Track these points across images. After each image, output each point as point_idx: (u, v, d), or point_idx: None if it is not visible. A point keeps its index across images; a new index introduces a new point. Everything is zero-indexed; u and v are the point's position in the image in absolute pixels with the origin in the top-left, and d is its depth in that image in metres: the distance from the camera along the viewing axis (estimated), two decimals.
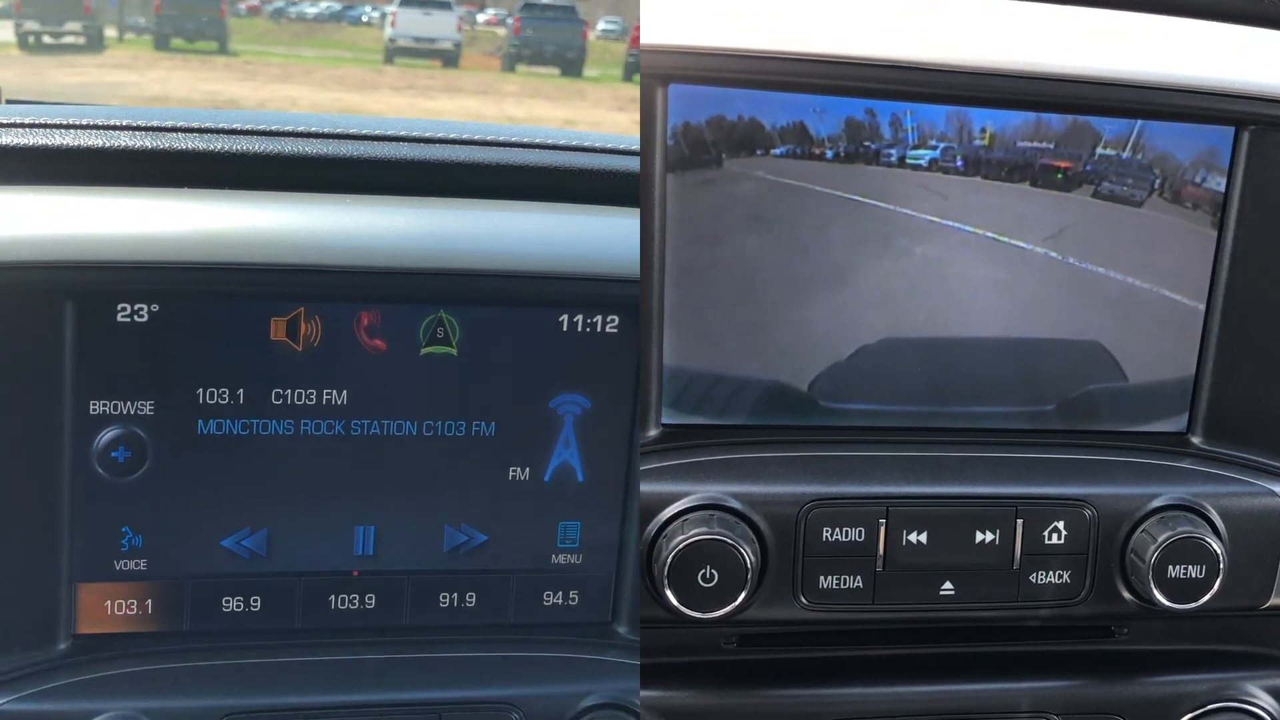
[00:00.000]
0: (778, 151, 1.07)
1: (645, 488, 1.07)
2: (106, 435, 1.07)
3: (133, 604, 1.11)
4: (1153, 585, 1.10)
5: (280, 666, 1.11)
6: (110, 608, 1.10)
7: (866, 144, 1.07)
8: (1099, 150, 1.09)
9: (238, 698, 1.08)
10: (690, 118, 1.05)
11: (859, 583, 1.10)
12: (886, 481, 1.10)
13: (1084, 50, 1.07)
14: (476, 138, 1.22)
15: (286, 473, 1.11)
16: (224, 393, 1.09)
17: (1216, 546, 1.10)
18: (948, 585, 1.11)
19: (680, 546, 1.04)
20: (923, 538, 1.09)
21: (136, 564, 1.10)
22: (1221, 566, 1.11)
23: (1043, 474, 1.12)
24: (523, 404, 1.15)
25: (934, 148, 1.08)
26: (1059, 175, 1.10)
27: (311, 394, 1.10)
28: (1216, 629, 1.23)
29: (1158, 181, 1.10)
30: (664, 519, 1.07)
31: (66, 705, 1.05)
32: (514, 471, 1.16)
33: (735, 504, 1.07)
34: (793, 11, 1.04)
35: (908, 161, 1.08)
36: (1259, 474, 1.16)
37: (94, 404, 1.06)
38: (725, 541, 1.05)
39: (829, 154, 1.07)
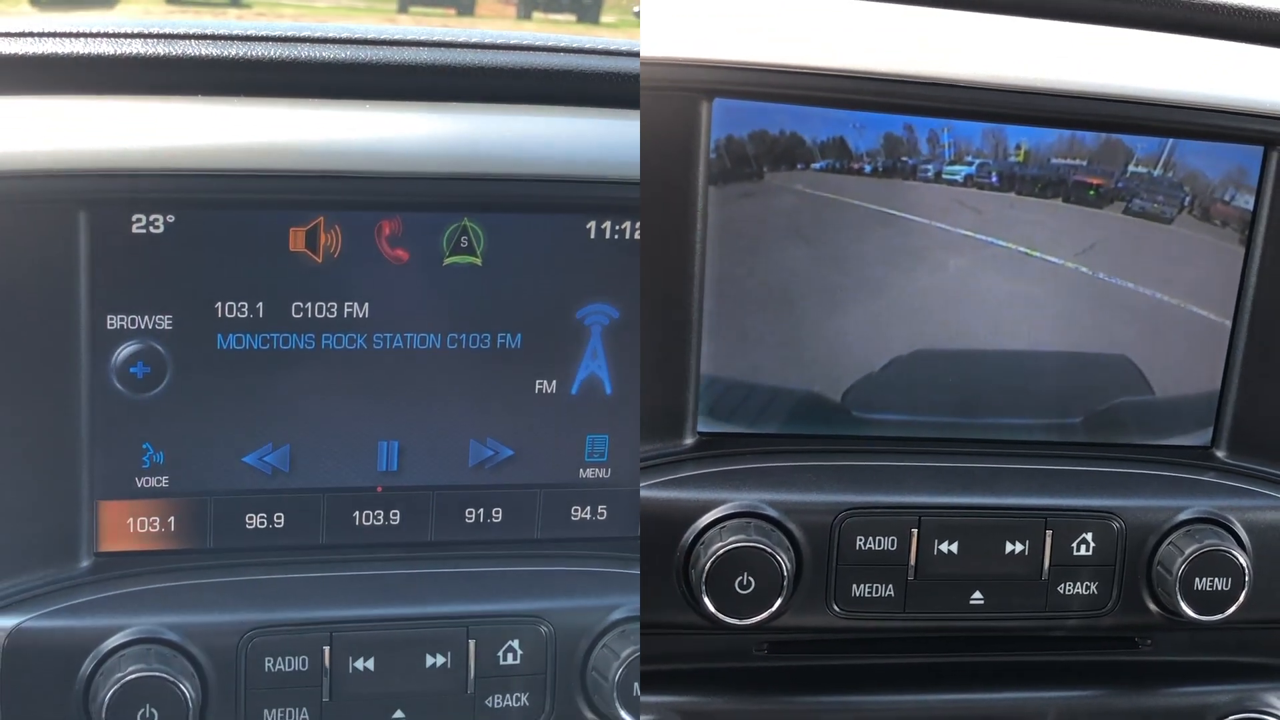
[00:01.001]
0: (818, 165, 1.09)
1: (682, 494, 1.09)
2: (124, 350, 1.05)
3: (155, 521, 1.09)
4: (1179, 597, 1.11)
5: (305, 582, 1.08)
6: (132, 525, 1.08)
7: (904, 159, 1.09)
8: (1131, 168, 1.12)
9: (262, 612, 1.05)
10: (733, 131, 1.07)
11: (891, 591, 1.11)
12: (918, 491, 1.12)
13: (1117, 69, 1.09)
14: (499, 42, 1.18)
15: (308, 388, 1.09)
16: (243, 306, 1.06)
17: (1242, 559, 1.12)
18: (977, 595, 1.12)
19: (719, 553, 1.06)
20: (953, 547, 1.11)
21: (158, 481, 1.08)
22: (1247, 579, 1.12)
23: (1072, 486, 1.14)
24: (549, 315, 1.12)
25: (970, 164, 1.10)
26: (1091, 192, 1.12)
27: (332, 307, 1.08)
28: (1239, 640, 1.25)
29: (1188, 199, 1.13)
30: (701, 526, 1.08)
31: (89, 621, 1.03)
32: (541, 384, 1.13)
33: (771, 512, 1.09)
34: (834, 28, 1.06)
35: (944, 177, 1.10)
36: (1278, 486, 1.18)
37: (110, 318, 1.04)
38: (762, 549, 1.06)
39: (867, 168, 1.09)
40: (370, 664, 1.06)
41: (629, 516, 1.17)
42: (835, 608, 1.11)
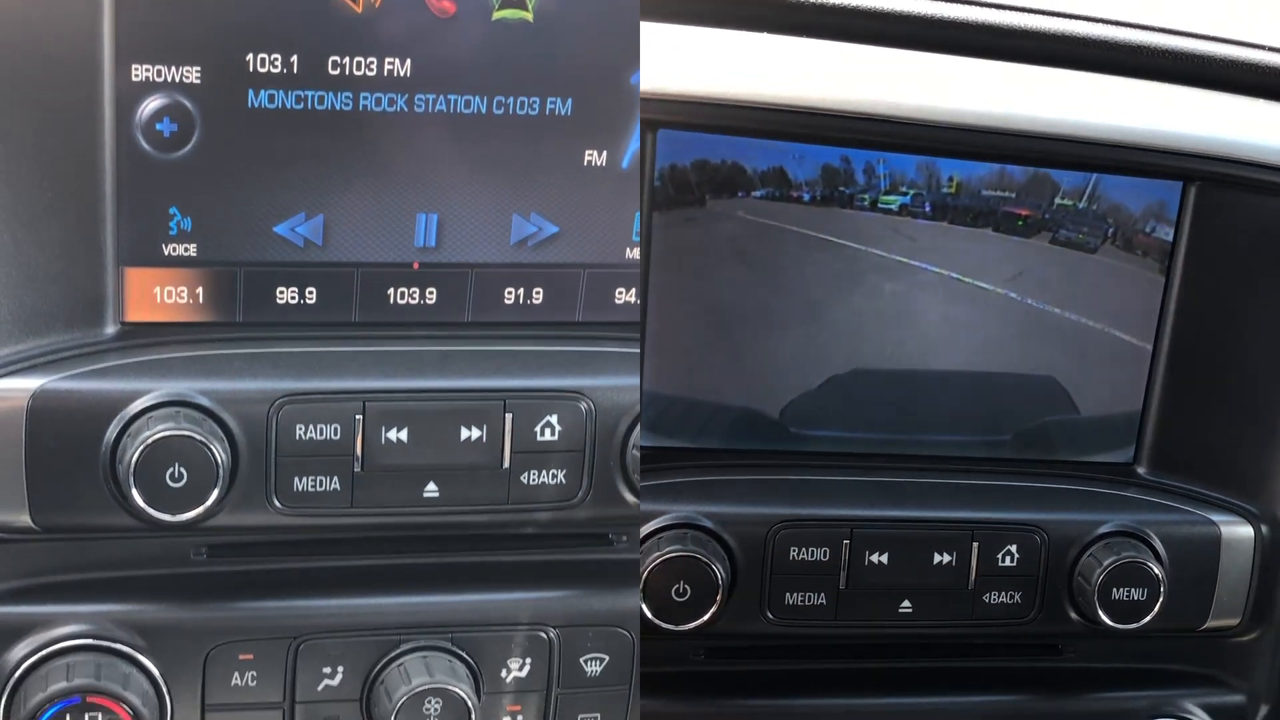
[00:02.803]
0: (758, 194, 1.14)
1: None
2: (150, 105, 0.97)
3: (183, 291, 1.02)
4: (1098, 606, 1.17)
5: (337, 355, 1.04)
6: (159, 295, 1.02)
7: (841, 189, 1.14)
8: (1057, 200, 1.17)
9: (293, 380, 1.01)
10: (677, 160, 1.12)
11: (823, 599, 1.17)
12: (852, 504, 1.18)
13: (1045, 106, 1.14)
14: None
15: (344, 153, 1.02)
16: (276, 59, 0.98)
17: (1158, 571, 1.18)
18: (906, 604, 1.18)
19: (655, 563, 1.11)
20: (884, 558, 1.16)
21: (185, 249, 1.01)
22: (1162, 590, 1.18)
23: (998, 500, 1.20)
24: (603, 80, 1.03)
25: (904, 194, 1.15)
26: (1019, 222, 1.18)
27: (372, 63, 1.00)
28: (1157, 649, 1.29)
29: (1111, 230, 1.18)
30: (643, 534, 1.14)
31: (115, 384, 0.98)
32: (590, 156, 1.05)
33: (708, 523, 1.14)
34: (772, 64, 1.12)
35: (879, 206, 1.15)
36: (1199, 504, 1.24)
37: (136, 69, 0.96)
38: (698, 559, 1.12)
39: (806, 196, 1.14)
40: (403, 435, 1.02)
41: None
42: (769, 615, 1.16)
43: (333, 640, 1.06)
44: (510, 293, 1.08)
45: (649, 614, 1.12)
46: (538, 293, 1.08)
